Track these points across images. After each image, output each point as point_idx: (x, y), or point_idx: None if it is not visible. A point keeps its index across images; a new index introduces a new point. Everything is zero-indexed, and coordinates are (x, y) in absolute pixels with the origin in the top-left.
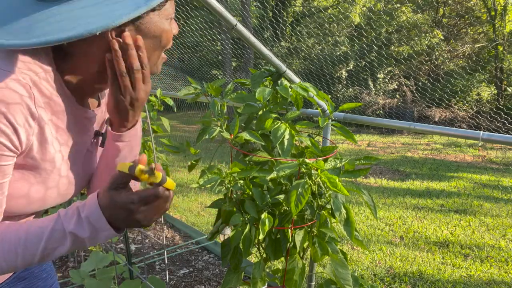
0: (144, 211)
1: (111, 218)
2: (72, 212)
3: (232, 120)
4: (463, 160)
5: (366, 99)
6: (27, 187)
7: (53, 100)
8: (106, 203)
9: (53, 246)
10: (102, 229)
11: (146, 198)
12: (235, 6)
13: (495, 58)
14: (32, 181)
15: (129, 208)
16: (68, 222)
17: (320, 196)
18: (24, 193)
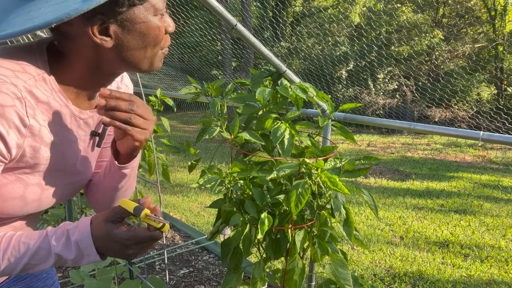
0: (136, 248)
1: (101, 248)
2: (61, 232)
3: (232, 120)
4: (463, 160)
5: (366, 99)
6: (22, 189)
7: (48, 102)
8: (100, 234)
9: (35, 263)
10: (88, 255)
11: (143, 239)
12: (235, 6)
13: (495, 58)
14: (27, 183)
15: (124, 244)
16: (56, 243)
17: (320, 196)
18: (20, 195)
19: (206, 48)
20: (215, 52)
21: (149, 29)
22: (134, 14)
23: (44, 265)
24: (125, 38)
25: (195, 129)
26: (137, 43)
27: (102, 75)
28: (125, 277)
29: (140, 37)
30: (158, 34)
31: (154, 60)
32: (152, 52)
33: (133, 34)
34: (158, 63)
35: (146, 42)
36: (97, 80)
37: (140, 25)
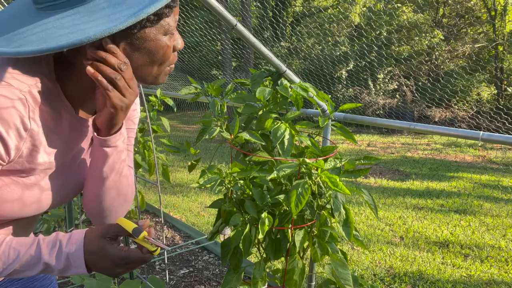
0: (124, 267)
1: (91, 262)
2: (53, 242)
3: (232, 120)
4: (463, 160)
5: (366, 99)
6: (20, 191)
7: (51, 109)
8: (94, 248)
9: (22, 269)
10: (76, 267)
11: (135, 260)
12: (235, 6)
13: (495, 58)
14: (24, 185)
15: (116, 262)
16: (46, 252)
17: (320, 196)
18: (17, 197)
19: (206, 48)
20: (215, 52)
21: (157, 48)
22: (145, 33)
23: (30, 272)
24: (134, 55)
25: (195, 129)
26: (145, 60)
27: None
28: (125, 277)
29: (148, 54)
30: (166, 52)
31: (159, 75)
32: (159, 69)
33: (141, 52)
34: (163, 78)
35: (153, 60)
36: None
37: (150, 43)
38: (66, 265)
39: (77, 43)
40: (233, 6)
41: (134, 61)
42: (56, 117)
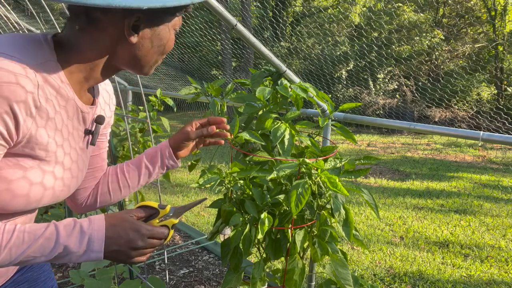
0: (144, 243)
1: (111, 237)
2: (71, 224)
3: (232, 120)
4: (463, 160)
5: (366, 99)
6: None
7: (58, 90)
8: (116, 221)
9: (38, 254)
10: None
11: (158, 233)
12: (235, 6)
13: (495, 58)
14: (31, 170)
15: (140, 232)
16: (65, 234)
17: (320, 196)
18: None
19: (206, 48)
20: (215, 52)
21: (167, 40)
22: (168, 23)
23: (45, 257)
24: (149, 39)
25: None
26: (154, 47)
27: (107, 68)
28: (125, 277)
29: (158, 42)
30: (170, 45)
31: (154, 66)
32: (157, 59)
33: (155, 38)
34: (153, 69)
35: (160, 49)
36: (99, 73)
37: (164, 35)
38: (85, 246)
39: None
40: (233, 6)
41: (146, 46)
42: (62, 98)
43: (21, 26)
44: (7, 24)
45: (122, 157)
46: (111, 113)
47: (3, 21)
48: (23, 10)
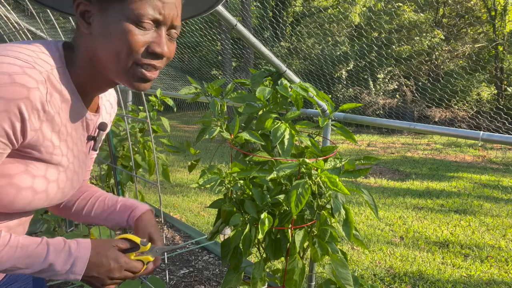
0: (121, 274)
1: (93, 263)
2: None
3: (232, 120)
4: (463, 160)
5: (366, 99)
6: (31, 180)
7: (65, 95)
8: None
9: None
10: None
11: (134, 267)
12: (235, 6)
13: (495, 58)
14: (35, 173)
15: (120, 264)
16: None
17: (320, 196)
18: (29, 186)
19: (206, 48)
20: (215, 52)
21: (115, 29)
22: (115, 8)
23: (28, 270)
24: (99, 32)
25: (195, 129)
26: (108, 43)
27: (98, 73)
28: None
29: (109, 36)
30: (129, 42)
31: (125, 73)
32: (120, 61)
33: (105, 30)
34: (133, 80)
35: (109, 42)
36: (96, 80)
37: (115, 23)
38: (68, 267)
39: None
40: (233, 6)
41: (100, 41)
42: (69, 104)
43: (21, 26)
44: (7, 24)
45: (122, 157)
46: (110, 123)
47: (3, 21)
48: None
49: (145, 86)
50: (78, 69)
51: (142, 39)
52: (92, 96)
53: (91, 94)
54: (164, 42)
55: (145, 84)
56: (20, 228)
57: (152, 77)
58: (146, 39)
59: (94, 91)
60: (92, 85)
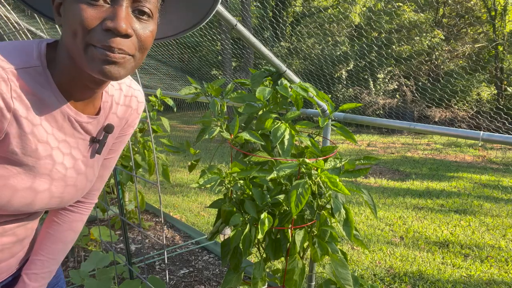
0: None
1: None
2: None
3: (232, 120)
4: (463, 160)
5: (366, 99)
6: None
7: (39, 95)
8: None
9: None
10: None
11: None
12: (235, 6)
13: (495, 58)
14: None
15: None
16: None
17: (320, 196)
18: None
19: (206, 48)
20: (215, 52)
21: (71, 11)
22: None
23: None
24: (63, 18)
25: (195, 129)
26: (65, 26)
27: (74, 68)
28: (125, 277)
29: (65, 18)
30: (80, 19)
31: (83, 58)
32: (76, 43)
33: (64, 15)
34: (94, 65)
35: (68, 26)
36: (75, 76)
37: (70, 5)
38: None
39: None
40: (233, 6)
41: (64, 28)
42: (44, 105)
43: (21, 26)
44: (7, 24)
45: (122, 157)
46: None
47: (3, 21)
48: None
49: (111, 70)
50: (58, 66)
51: (94, 15)
52: (81, 96)
53: (78, 94)
54: (120, 17)
55: (110, 67)
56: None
57: (116, 59)
58: (99, 15)
59: (80, 90)
60: (75, 83)
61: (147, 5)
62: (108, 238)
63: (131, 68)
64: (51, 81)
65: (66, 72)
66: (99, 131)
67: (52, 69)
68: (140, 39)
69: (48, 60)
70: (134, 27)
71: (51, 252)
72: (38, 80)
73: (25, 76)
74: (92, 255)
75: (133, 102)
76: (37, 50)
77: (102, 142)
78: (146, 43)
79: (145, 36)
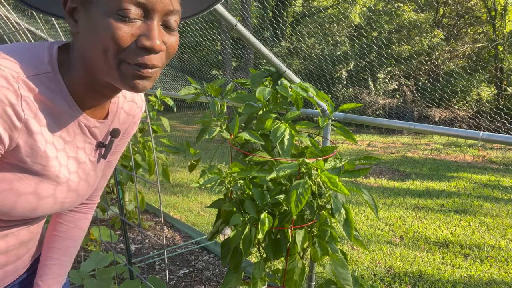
0: None
1: None
2: None
3: (232, 120)
4: (463, 160)
5: (366, 99)
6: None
7: (49, 101)
8: None
9: None
10: None
11: None
12: (235, 6)
13: (495, 58)
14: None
15: None
16: None
17: (320, 196)
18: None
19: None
20: (215, 52)
21: (99, 25)
22: (98, 3)
23: None
24: (85, 29)
25: (195, 129)
26: (93, 41)
27: (91, 76)
28: (125, 277)
29: (93, 33)
30: (113, 36)
31: (116, 74)
32: (108, 60)
33: (89, 27)
34: (127, 80)
35: (96, 40)
36: (91, 84)
37: (97, 18)
38: None
39: None
40: (233, 6)
41: (86, 40)
42: (55, 110)
43: (21, 26)
44: (7, 24)
45: (122, 157)
46: (128, 133)
47: (3, 21)
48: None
49: (143, 84)
50: (72, 73)
51: (128, 33)
52: (94, 103)
53: (91, 100)
54: (155, 34)
55: (143, 82)
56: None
57: (149, 74)
58: (133, 32)
59: (94, 97)
60: (89, 90)
61: (175, 18)
62: (108, 238)
63: (156, 77)
64: (63, 87)
65: (82, 80)
66: (105, 135)
67: (64, 74)
68: (169, 51)
69: (59, 64)
70: (164, 40)
71: (62, 253)
72: (49, 87)
73: (37, 84)
74: (92, 255)
75: (133, 107)
76: (48, 54)
77: (108, 146)
78: (172, 52)
79: (173, 48)
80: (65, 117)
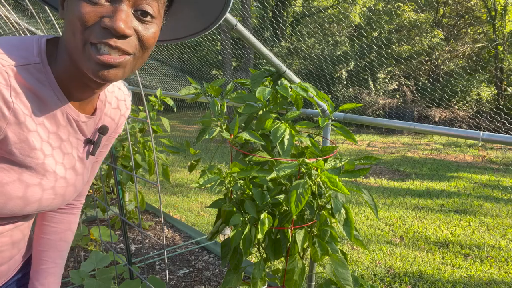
0: None
1: None
2: None
3: (232, 120)
4: (463, 160)
5: (366, 99)
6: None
7: (38, 93)
8: None
9: None
10: None
11: None
12: (235, 6)
13: (495, 58)
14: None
15: None
16: None
17: (320, 196)
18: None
19: (206, 48)
20: (215, 52)
21: (72, 6)
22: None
23: None
24: (66, 13)
25: (195, 129)
26: (66, 21)
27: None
28: (125, 277)
29: (66, 13)
30: (79, 15)
31: (81, 56)
32: (75, 40)
33: (66, 10)
34: (90, 65)
35: (68, 22)
36: (75, 74)
37: (72, 1)
38: None
39: None
40: (233, 6)
41: (65, 24)
42: (44, 102)
43: (21, 26)
44: (7, 24)
45: (122, 157)
46: (117, 127)
47: (3, 21)
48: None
49: (106, 74)
50: (58, 63)
51: (92, 12)
52: (81, 96)
53: (78, 93)
54: (119, 16)
55: (106, 72)
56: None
57: (111, 61)
58: (98, 12)
59: (79, 88)
60: (73, 80)
61: (150, 6)
62: (108, 238)
63: (131, 68)
64: (51, 79)
65: (67, 70)
66: (93, 132)
67: (52, 65)
68: (141, 40)
69: (48, 56)
70: (135, 27)
71: (57, 256)
72: (38, 78)
73: (25, 74)
74: (92, 255)
75: (121, 105)
76: (37, 46)
77: (97, 143)
78: (147, 43)
79: (146, 37)
80: (54, 108)
